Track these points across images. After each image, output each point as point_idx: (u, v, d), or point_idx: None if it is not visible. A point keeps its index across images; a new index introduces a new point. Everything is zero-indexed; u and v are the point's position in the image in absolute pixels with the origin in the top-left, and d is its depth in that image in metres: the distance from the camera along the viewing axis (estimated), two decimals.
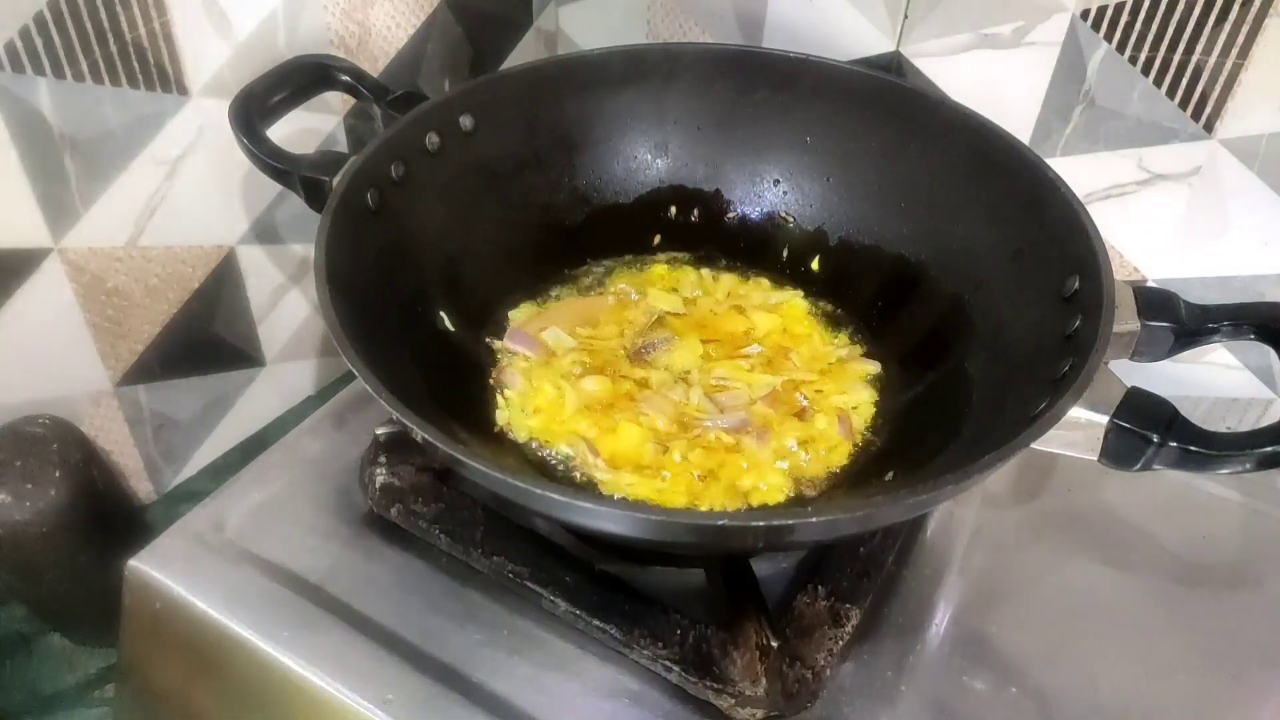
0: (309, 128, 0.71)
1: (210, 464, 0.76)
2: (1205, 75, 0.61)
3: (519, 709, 0.49)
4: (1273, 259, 0.65)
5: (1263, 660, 0.54)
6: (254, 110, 0.58)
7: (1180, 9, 0.60)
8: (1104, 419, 0.44)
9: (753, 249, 0.70)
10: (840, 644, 0.51)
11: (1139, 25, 0.62)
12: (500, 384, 0.61)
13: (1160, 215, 0.67)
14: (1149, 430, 0.43)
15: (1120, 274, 0.66)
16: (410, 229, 0.59)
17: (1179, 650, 0.54)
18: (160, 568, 0.55)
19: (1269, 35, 0.58)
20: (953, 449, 0.53)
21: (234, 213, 0.70)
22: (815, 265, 0.69)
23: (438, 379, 0.56)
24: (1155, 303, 0.50)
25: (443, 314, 0.61)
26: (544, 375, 0.61)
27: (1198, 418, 0.44)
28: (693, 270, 0.70)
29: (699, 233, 0.71)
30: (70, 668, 0.66)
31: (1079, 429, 0.44)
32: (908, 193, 0.65)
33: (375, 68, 0.75)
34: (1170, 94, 0.63)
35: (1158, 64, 0.63)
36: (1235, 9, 0.59)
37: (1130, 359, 0.50)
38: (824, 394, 0.61)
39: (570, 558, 0.54)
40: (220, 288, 0.71)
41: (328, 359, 0.84)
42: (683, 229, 0.71)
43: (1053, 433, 0.43)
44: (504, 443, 0.58)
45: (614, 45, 0.67)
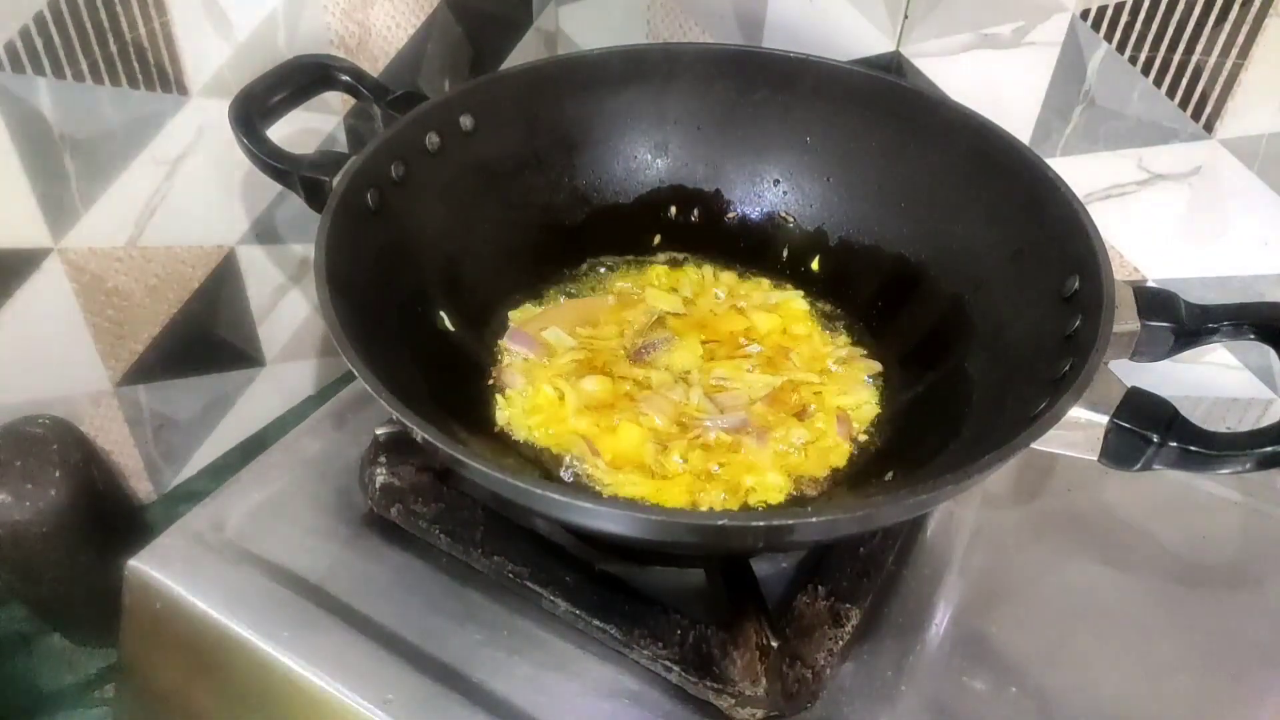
0: (309, 128, 0.71)
1: (210, 464, 0.76)
2: (1205, 75, 0.61)
3: (519, 709, 0.49)
4: (1273, 259, 0.65)
5: (1263, 660, 0.54)
6: (254, 110, 0.58)
7: (1180, 9, 0.60)
8: (1104, 419, 0.44)
9: (753, 249, 0.70)
10: (840, 644, 0.51)
11: (1139, 25, 0.62)
12: (500, 384, 0.61)
13: (1160, 215, 0.67)
14: (1149, 430, 0.43)
15: (1120, 274, 0.66)
16: (410, 229, 0.59)
17: (1179, 650, 0.54)
18: (160, 568, 0.55)
19: (1269, 35, 0.58)
20: (953, 449, 0.53)
21: (234, 213, 0.70)
22: (815, 265, 0.69)
23: (438, 379, 0.56)
24: (1155, 303, 0.50)
25: (443, 314, 0.61)
26: (544, 375, 0.61)
27: (1198, 418, 0.44)
28: (693, 270, 0.70)
29: (699, 233, 0.71)
30: (70, 668, 0.66)
31: (1079, 429, 0.44)
32: (908, 193, 0.65)
33: (375, 68, 0.75)
34: (1170, 94, 0.63)
35: (1158, 64, 0.63)
36: (1235, 9, 0.59)
37: (1130, 359, 0.50)
38: (824, 394, 0.61)
39: (570, 558, 0.54)
40: (220, 288, 0.71)
41: (328, 359, 0.84)
42: (683, 229, 0.71)
43: (1053, 433, 0.43)
44: (504, 443, 0.58)
45: (614, 45, 0.67)
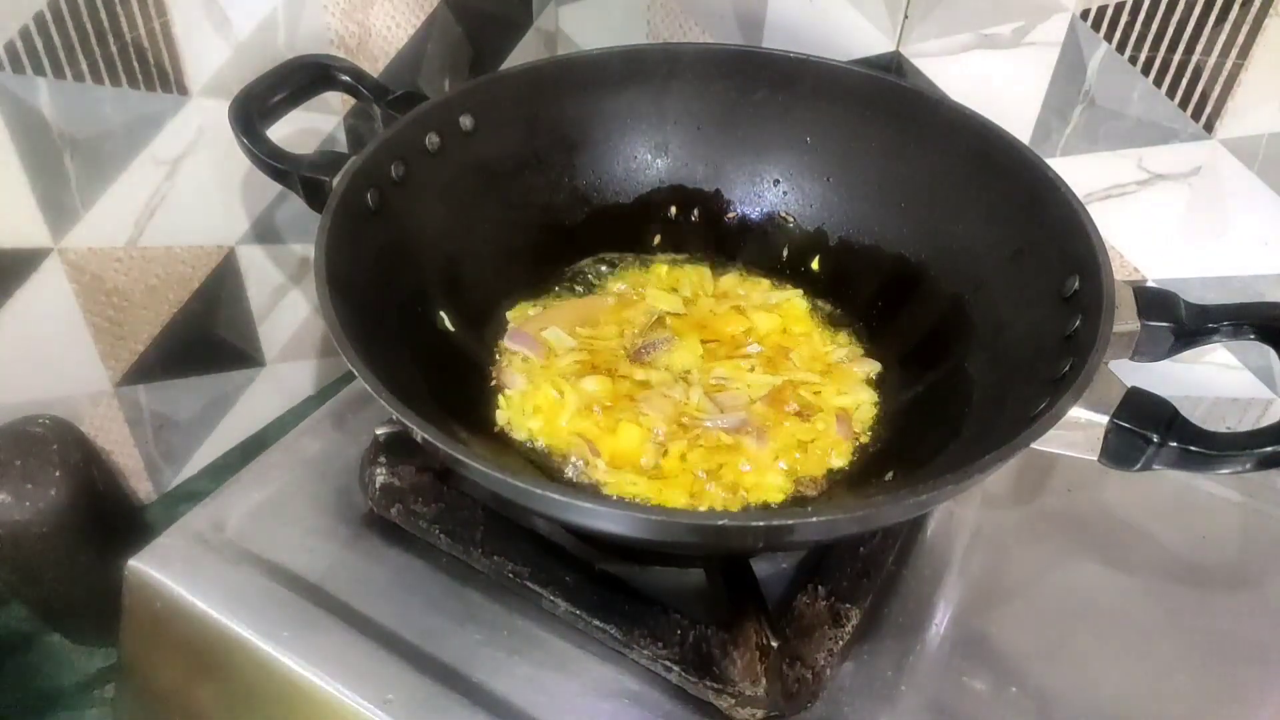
0: (309, 128, 0.71)
1: (210, 464, 0.76)
2: (1205, 75, 0.61)
3: (519, 709, 0.49)
4: (1273, 259, 0.65)
5: (1263, 660, 0.54)
6: (254, 110, 0.58)
7: (1180, 9, 0.60)
8: (1104, 419, 0.44)
9: (753, 249, 0.70)
10: (840, 644, 0.51)
11: (1139, 25, 0.62)
12: (500, 384, 0.61)
13: (1160, 215, 0.67)
14: (1149, 430, 0.43)
15: (1120, 274, 0.66)
16: (410, 229, 0.59)
17: (1179, 650, 0.54)
18: (160, 568, 0.55)
19: (1269, 35, 0.58)
20: (953, 449, 0.53)
21: (234, 213, 0.70)
22: (815, 265, 0.69)
23: (438, 379, 0.56)
24: (1155, 303, 0.50)
25: (443, 314, 0.61)
26: (544, 375, 0.61)
27: (1198, 418, 0.44)
28: (693, 270, 0.70)
29: (699, 233, 0.71)
30: (70, 668, 0.66)
31: (1079, 429, 0.44)
32: (908, 193, 0.65)
33: (375, 68, 0.75)
34: (1170, 94, 0.63)
35: (1158, 64, 0.63)
36: (1235, 9, 0.59)
37: (1130, 359, 0.50)
38: (824, 394, 0.61)
39: (570, 558, 0.54)
40: (220, 288, 0.71)
41: (328, 359, 0.84)
42: (683, 229, 0.71)
43: (1053, 433, 0.43)
44: (504, 443, 0.58)
45: (614, 45, 0.67)
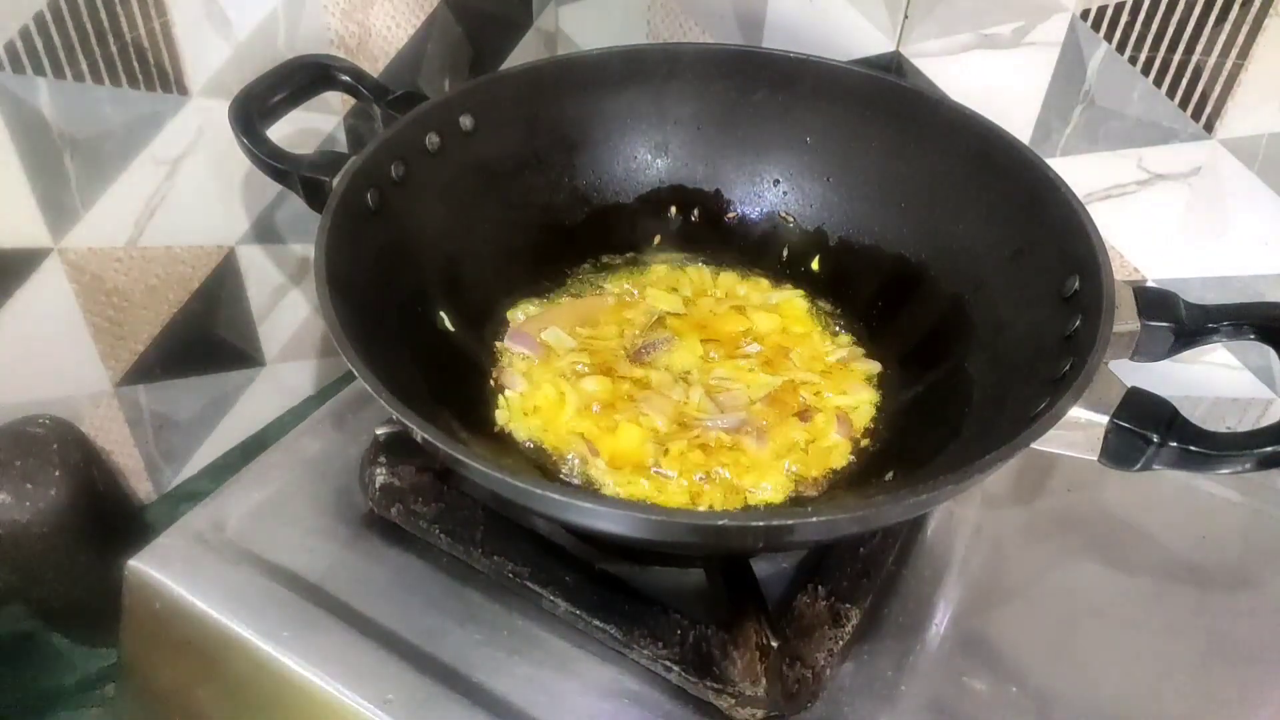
0: (309, 128, 0.71)
1: (210, 464, 0.76)
2: (1205, 75, 0.61)
3: (519, 709, 0.49)
4: (1273, 259, 0.65)
5: (1263, 660, 0.54)
6: (254, 110, 0.58)
7: (1180, 9, 0.60)
8: (1104, 419, 0.44)
9: (753, 249, 0.70)
10: (840, 644, 0.51)
11: (1139, 25, 0.62)
12: (500, 384, 0.61)
13: (1160, 215, 0.67)
14: (1149, 430, 0.43)
15: (1120, 274, 0.66)
16: (410, 229, 0.59)
17: (1179, 650, 0.54)
18: (160, 568, 0.55)
19: (1269, 35, 0.58)
20: (953, 449, 0.53)
21: (234, 213, 0.70)
22: (815, 265, 0.69)
23: (438, 379, 0.56)
24: (1155, 303, 0.50)
25: (443, 314, 0.61)
26: (544, 375, 0.61)
27: (1198, 418, 0.44)
28: (693, 270, 0.70)
29: (699, 233, 0.71)
30: (70, 668, 0.66)
31: (1079, 429, 0.44)
32: (908, 193, 0.65)
33: (375, 68, 0.75)
34: (1170, 94, 0.63)
35: (1158, 64, 0.63)
36: (1235, 9, 0.59)
37: (1130, 359, 0.50)
38: (824, 394, 0.61)
39: (570, 558, 0.54)
40: (220, 288, 0.71)
41: (328, 359, 0.84)
42: (683, 229, 0.71)
43: (1053, 433, 0.43)
44: (504, 443, 0.58)
45: (614, 45, 0.67)
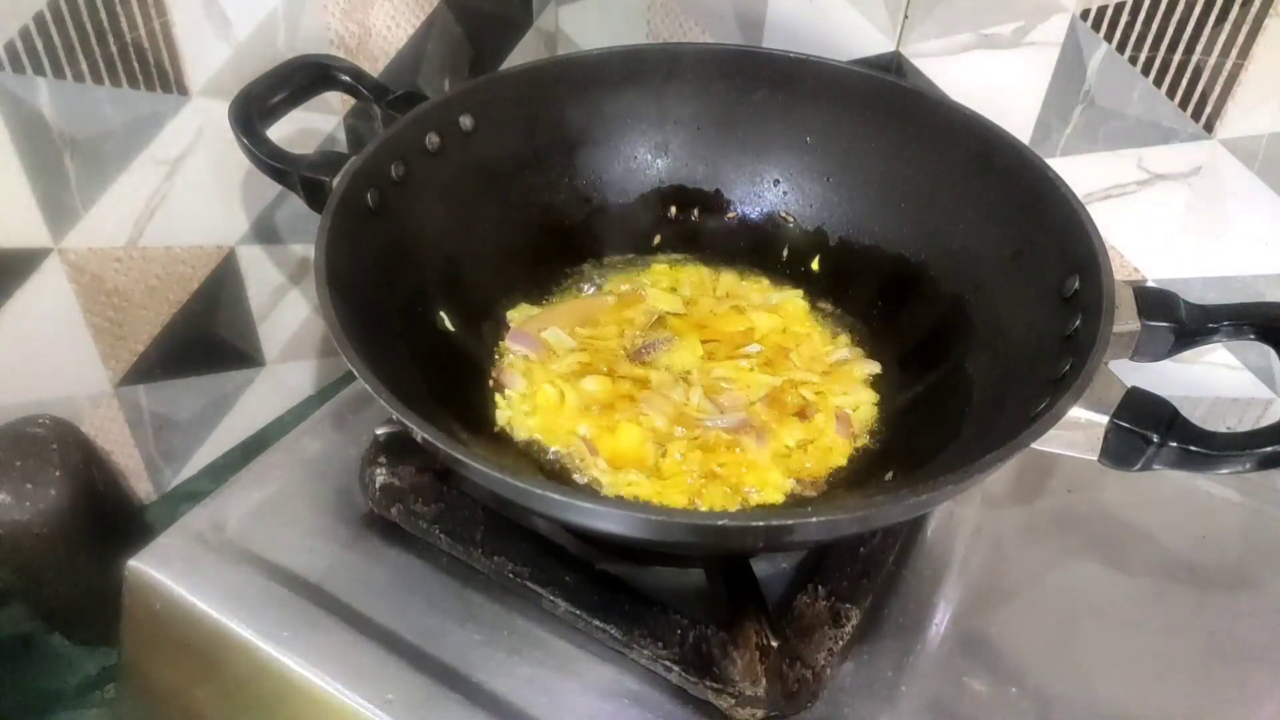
0: (309, 128, 0.71)
1: (210, 464, 0.76)
2: (1205, 75, 0.61)
3: (519, 709, 0.49)
4: (1273, 259, 0.65)
5: (1263, 660, 0.54)
6: (254, 110, 0.58)
7: (1180, 9, 0.60)
8: (1104, 419, 0.44)
9: (753, 249, 0.70)
10: (840, 644, 0.51)
11: (1139, 25, 0.62)
12: (500, 384, 0.61)
13: (1160, 215, 0.67)
14: (1149, 430, 0.43)
15: (1120, 274, 0.66)
16: (410, 229, 0.59)
17: (1179, 650, 0.54)
18: (160, 568, 0.55)
19: (1269, 35, 0.58)
20: (953, 449, 0.53)
21: (234, 213, 0.70)
22: (815, 265, 0.69)
23: (438, 379, 0.56)
24: (1155, 303, 0.50)
25: (443, 314, 0.61)
26: (544, 375, 0.61)
27: (1198, 418, 0.44)
28: (693, 270, 0.70)
29: (699, 233, 0.71)
30: (70, 668, 0.66)
31: (1079, 429, 0.44)
32: (908, 193, 0.65)
33: (375, 68, 0.75)
34: (1170, 94, 0.63)
35: (1158, 64, 0.63)
36: (1235, 9, 0.59)
37: (1130, 359, 0.50)
38: (824, 394, 0.61)
39: (570, 558, 0.54)
40: (220, 288, 0.71)
41: (328, 359, 0.84)
42: (683, 229, 0.71)
43: (1053, 433, 0.43)
44: (504, 443, 0.58)
45: (614, 45, 0.67)
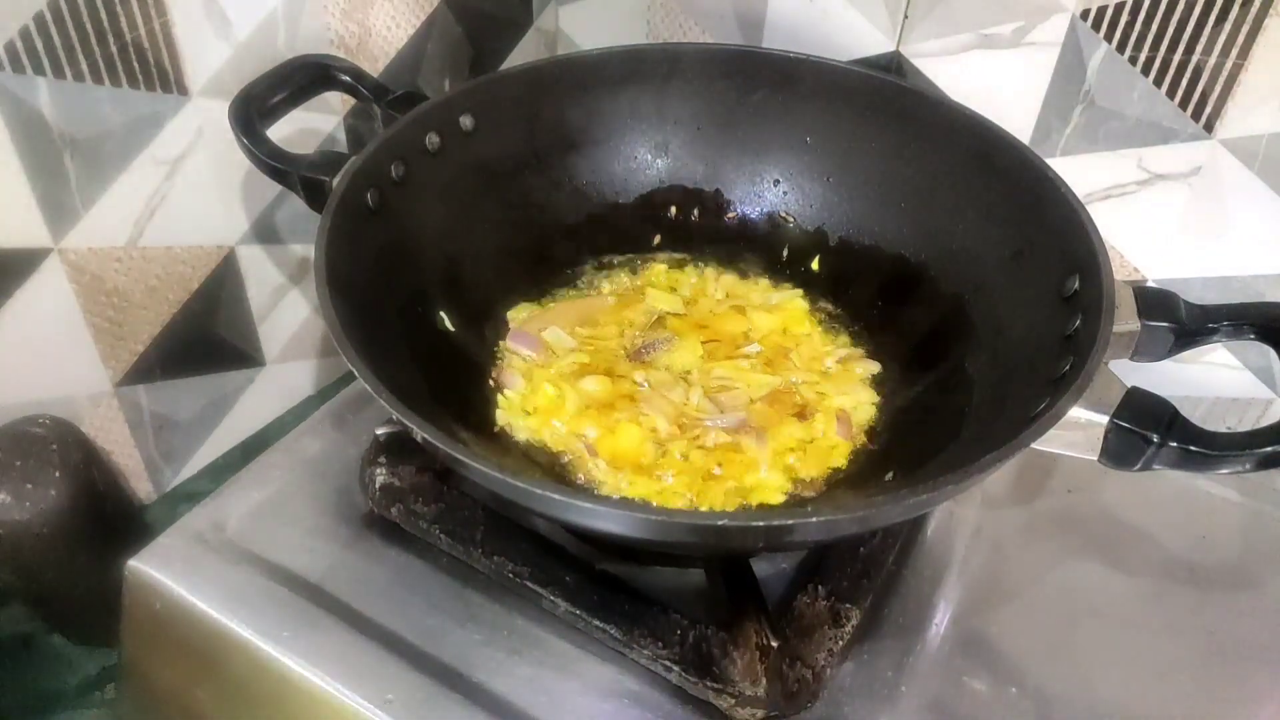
0: (309, 128, 0.71)
1: (210, 464, 0.76)
2: (1205, 75, 0.61)
3: (519, 709, 0.49)
4: (1273, 259, 0.65)
5: (1263, 660, 0.54)
6: (254, 110, 0.58)
7: (1180, 9, 0.60)
8: (1104, 419, 0.44)
9: (753, 249, 0.70)
10: (840, 644, 0.51)
11: (1139, 25, 0.62)
12: (500, 384, 0.61)
13: (1160, 215, 0.67)
14: (1149, 430, 0.43)
15: (1120, 274, 0.66)
16: (410, 229, 0.59)
17: (1179, 650, 0.54)
18: (160, 568, 0.55)
19: (1269, 35, 0.58)
20: (953, 449, 0.53)
21: (234, 213, 0.70)
22: (815, 265, 0.69)
23: (438, 379, 0.56)
24: (1155, 303, 0.49)
25: (443, 314, 0.61)
26: (544, 375, 0.61)
27: (1198, 418, 0.44)
28: (693, 270, 0.70)
29: (699, 233, 0.71)
30: (70, 668, 0.66)
31: (1079, 429, 0.44)
32: (908, 193, 0.65)
33: (375, 68, 0.75)
34: (1170, 94, 0.63)
35: (1158, 64, 0.63)
36: (1235, 9, 0.59)
37: (1130, 359, 0.50)
38: (824, 394, 0.61)
39: (570, 558, 0.54)
40: (220, 288, 0.71)
41: (328, 359, 0.84)
42: (683, 229, 0.71)
43: (1053, 433, 0.43)
44: (504, 443, 0.58)
45: (614, 45, 0.67)
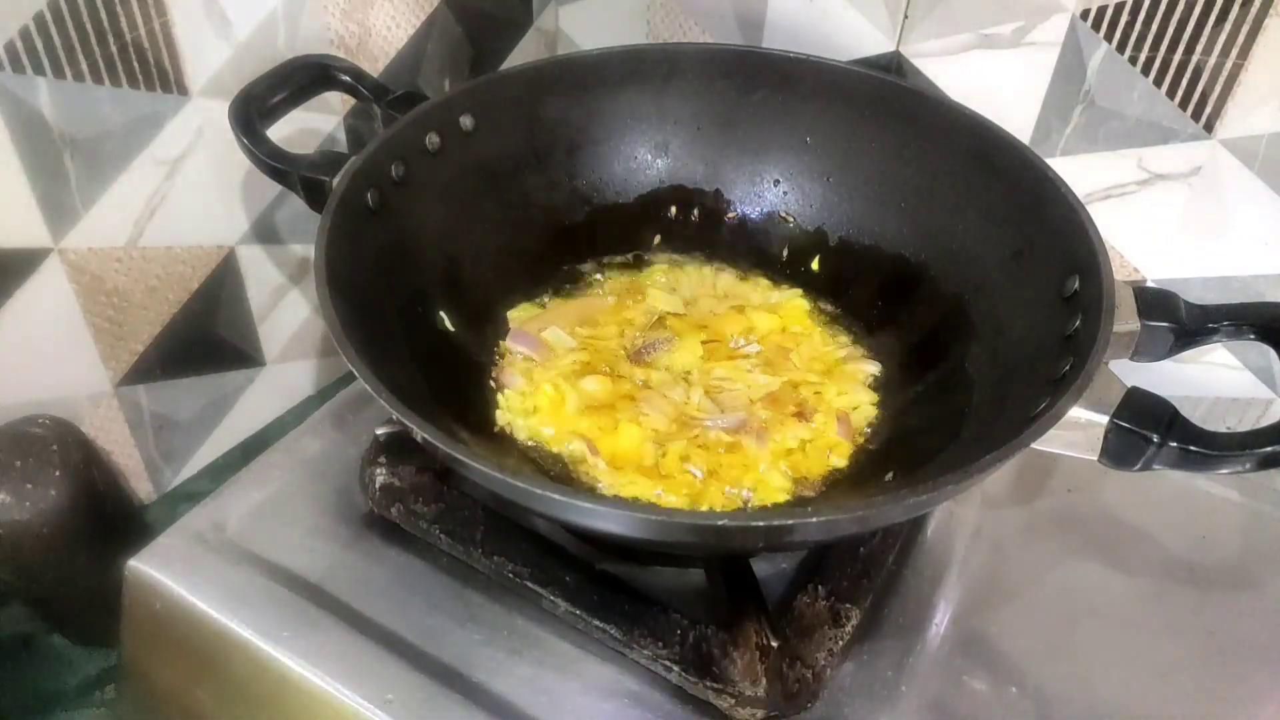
0: (309, 128, 0.71)
1: (210, 464, 0.76)
2: (1205, 75, 0.61)
3: (519, 709, 0.49)
4: (1273, 259, 0.65)
5: (1263, 660, 0.54)
6: (254, 110, 0.58)
7: (1180, 9, 0.60)
8: (1104, 419, 0.44)
9: (753, 249, 0.70)
10: (840, 644, 0.51)
11: (1139, 25, 0.62)
12: (500, 384, 0.61)
13: (1160, 215, 0.67)
14: (1149, 430, 0.43)
15: (1120, 274, 0.66)
16: (410, 229, 0.59)
17: (1179, 650, 0.54)
18: (160, 568, 0.55)
19: (1269, 35, 0.58)
20: (953, 449, 0.53)
21: (234, 213, 0.70)
22: (815, 265, 0.69)
23: (438, 379, 0.56)
24: (1155, 303, 0.49)
25: (443, 314, 0.61)
26: (544, 375, 0.61)
27: (1198, 418, 0.44)
28: (693, 270, 0.70)
29: (699, 233, 0.71)
30: (70, 668, 0.66)
31: (1079, 429, 0.44)
32: (908, 193, 0.65)
33: (375, 68, 0.75)
34: (1170, 94, 0.63)
35: (1158, 64, 0.63)
36: (1235, 9, 0.59)
37: (1130, 359, 0.50)
38: (824, 394, 0.61)
39: (570, 558, 0.54)
40: (220, 288, 0.71)
41: (328, 359, 0.84)
42: (683, 229, 0.71)
43: (1053, 433, 0.43)
44: (504, 443, 0.58)
45: (614, 45, 0.67)
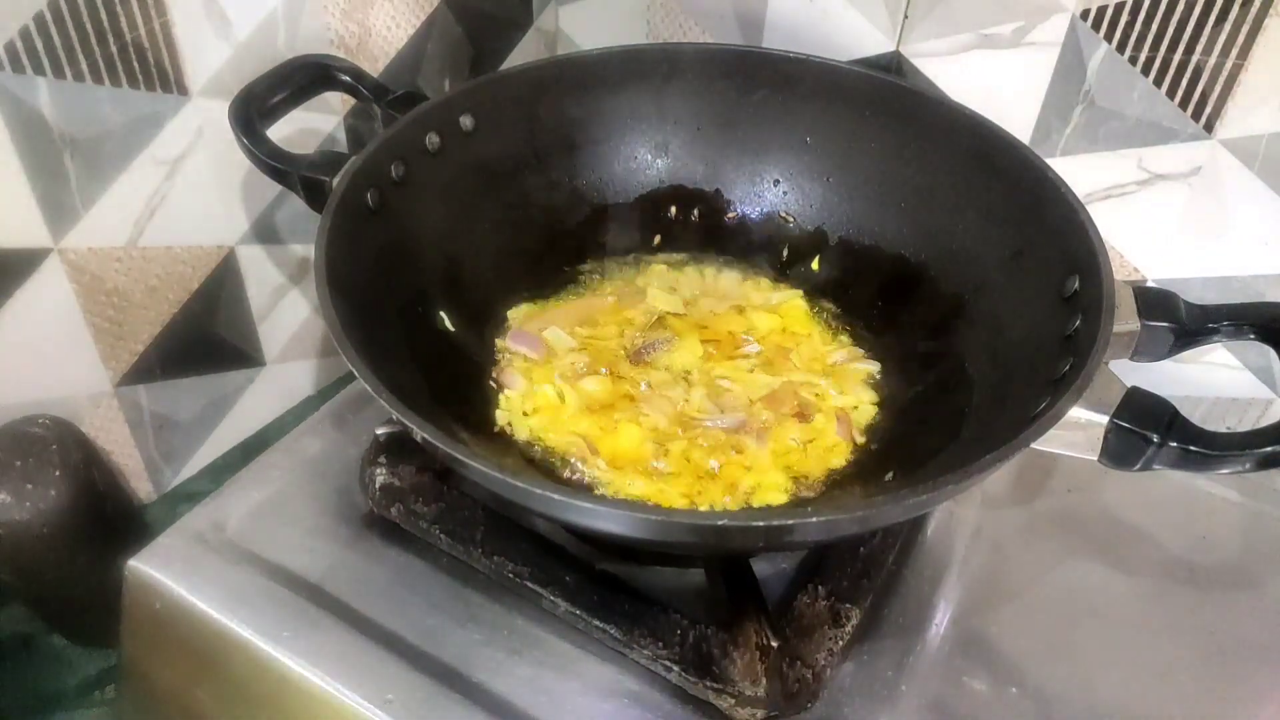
0: (309, 128, 0.71)
1: (210, 464, 0.76)
2: (1205, 75, 0.61)
3: (519, 709, 0.49)
4: (1273, 259, 0.65)
5: (1263, 660, 0.54)
6: (254, 110, 0.58)
7: (1180, 9, 0.60)
8: (1104, 419, 0.44)
9: (753, 249, 0.70)
10: (840, 644, 0.51)
11: (1139, 25, 0.62)
12: (500, 384, 0.61)
13: (1160, 215, 0.67)
14: (1149, 430, 0.43)
15: (1120, 274, 0.66)
16: (410, 229, 0.59)
17: (1179, 650, 0.54)
18: (160, 568, 0.55)
19: (1269, 35, 0.58)
20: (953, 449, 0.53)
21: (234, 213, 0.70)
22: (815, 265, 0.69)
23: (438, 379, 0.56)
24: (1155, 303, 0.49)
25: (443, 314, 0.61)
26: (544, 375, 0.61)
27: (1198, 418, 0.44)
28: (693, 270, 0.70)
29: (699, 233, 0.71)
30: (70, 668, 0.66)
31: (1079, 429, 0.44)
32: (908, 193, 0.65)
33: (375, 68, 0.75)
34: (1170, 94, 0.63)
35: (1158, 64, 0.63)
36: (1235, 9, 0.59)
37: (1130, 359, 0.50)
38: (824, 394, 0.61)
39: (570, 558, 0.54)
40: (220, 288, 0.71)
41: (328, 359, 0.84)
42: (683, 229, 0.71)
43: (1053, 433, 0.43)
44: (504, 443, 0.58)
45: (614, 45, 0.67)
